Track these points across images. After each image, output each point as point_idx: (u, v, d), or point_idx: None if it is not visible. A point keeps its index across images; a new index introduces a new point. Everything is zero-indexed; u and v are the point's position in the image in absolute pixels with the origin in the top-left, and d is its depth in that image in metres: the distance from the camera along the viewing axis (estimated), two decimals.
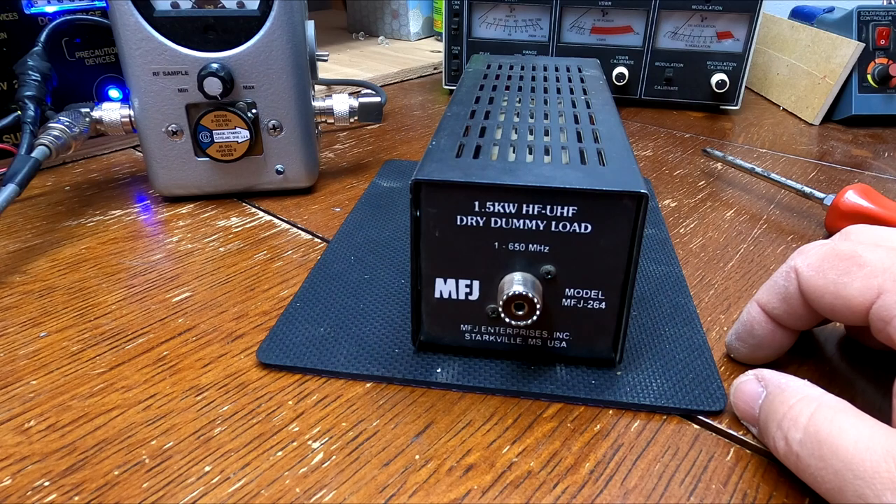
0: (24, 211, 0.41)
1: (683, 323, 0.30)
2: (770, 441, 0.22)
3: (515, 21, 0.66)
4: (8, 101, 0.43)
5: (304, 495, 0.21)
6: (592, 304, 0.25)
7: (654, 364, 0.27)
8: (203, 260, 0.36)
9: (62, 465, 0.22)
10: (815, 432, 0.20)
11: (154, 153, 0.41)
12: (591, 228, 0.24)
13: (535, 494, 0.22)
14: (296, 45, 0.40)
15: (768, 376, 0.23)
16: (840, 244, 0.24)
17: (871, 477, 0.18)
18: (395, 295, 0.32)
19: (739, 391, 0.24)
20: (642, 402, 0.25)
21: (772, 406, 0.22)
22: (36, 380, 0.26)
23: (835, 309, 0.23)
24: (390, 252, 0.36)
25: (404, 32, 0.94)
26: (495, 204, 0.24)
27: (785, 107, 0.68)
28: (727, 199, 0.45)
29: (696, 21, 0.63)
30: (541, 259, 0.25)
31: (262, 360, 0.27)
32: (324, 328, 0.29)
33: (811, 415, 0.20)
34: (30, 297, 0.32)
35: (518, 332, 0.27)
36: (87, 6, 0.47)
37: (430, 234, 0.25)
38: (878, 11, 0.60)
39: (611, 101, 0.34)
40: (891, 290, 0.21)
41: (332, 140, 0.56)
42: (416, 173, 0.24)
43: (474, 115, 0.31)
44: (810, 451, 0.20)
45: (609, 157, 0.26)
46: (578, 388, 0.26)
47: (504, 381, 0.26)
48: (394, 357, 0.28)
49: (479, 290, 0.26)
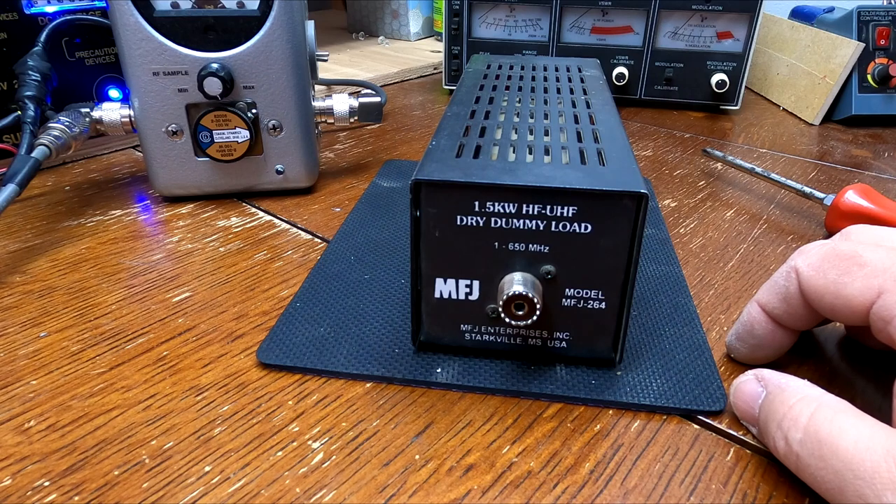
0: (24, 211, 0.41)
1: (683, 323, 0.30)
2: (770, 441, 0.22)
3: (515, 21, 0.66)
4: (8, 101, 0.43)
5: (304, 495, 0.21)
6: (592, 304, 0.25)
7: (654, 364, 0.27)
8: (203, 260, 0.36)
9: (62, 465, 0.22)
10: (815, 432, 0.20)
11: (154, 153, 0.41)
12: (591, 228, 0.24)
13: (535, 494, 0.22)
14: (296, 45, 0.40)
15: (768, 376, 0.23)
16: (840, 244, 0.24)
17: (872, 477, 0.18)
18: (395, 295, 0.32)
19: (739, 391, 0.24)
20: (642, 402, 0.25)
21: (772, 406, 0.22)
22: (36, 380, 0.26)
23: (835, 309, 0.23)
24: (390, 252, 0.36)
25: (404, 32, 0.94)
26: (495, 204, 0.24)
27: (785, 107, 0.68)
28: (727, 199, 0.45)
29: (696, 21, 0.63)
30: (541, 259, 0.25)
31: (262, 359, 0.27)
32: (324, 328, 0.29)
33: (811, 415, 0.20)
34: (30, 297, 0.32)
35: (518, 332, 0.27)
36: (87, 6, 0.47)
37: (430, 234, 0.25)
38: (878, 11, 0.60)
39: (611, 101, 0.33)
40: (891, 289, 0.21)
41: (332, 140, 0.56)
42: (416, 173, 0.24)
43: (474, 115, 0.31)
44: (810, 451, 0.20)
45: (609, 157, 0.26)
46: (578, 387, 0.26)
47: (504, 381, 0.26)
48: (394, 357, 0.28)
49: (479, 290, 0.26)
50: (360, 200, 0.43)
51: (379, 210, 0.41)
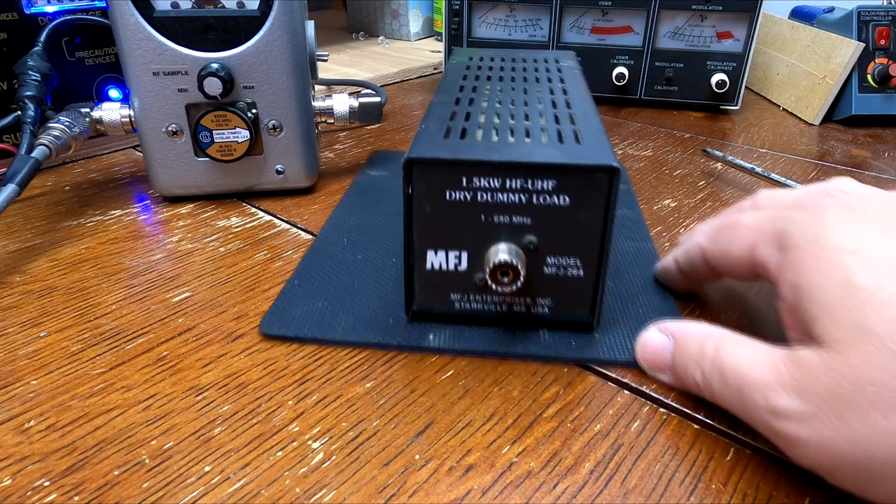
0: (24, 211, 0.41)
1: (655, 292, 0.33)
2: (689, 380, 0.24)
3: (515, 21, 0.66)
4: (8, 101, 0.43)
5: (304, 495, 0.21)
6: (571, 271, 0.28)
7: (629, 327, 0.30)
8: (203, 260, 0.36)
9: (62, 465, 0.22)
10: (719, 362, 0.23)
11: (154, 153, 0.41)
12: (569, 200, 0.26)
13: (535, 494, 0.22)
14: (296, 45, 0.40)
15: (672, 326, 0.26)
16: (728, 215, 0.28)
17: (760, 385, 0.21)
18: (387, 273, 0.34)
19: (646, 343, 0.27)
20: (618, 359, 0.28)
21: (685, 349, 0.25)
22: (36, 380, 0.26)
23: (727, 268, 0.27)
24: (380, 235, 0.38)
25: (404, 32, 0.94)
26: (481, 179, 0.26)
27: (785, 107, 0.68)
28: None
29: (696, 21, 0.63)
30: (523, 230, 0.27)
31: (265, 331, 0.29)
32: (321, 302, 0.31)
33: (716, 347, 0.23)
34: (30, 297, 0.32)
35: (504, 299, 0.29)
36: (87, 6, 0.47)
37: (421, 210, 0.27)
38: (878, 11, 0.60)
39: (585, 88, 0.36)
40: (761, 242, 0.24)
41: (332, 140, 0.56)
42: (408, 153, 0.26)
43: (459, 102, 0.32)
44: (718, 377, 0.23)
45: (584, 136, 0.28)
46: (560, 348, 0.28)
47: (492, 344, 0.28)
48: (389, 326, 0.29)
49: (467, 260, 0.28)
50: (349, 189, 0.44)
51: (367, 197, 0.43)
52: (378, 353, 0.28)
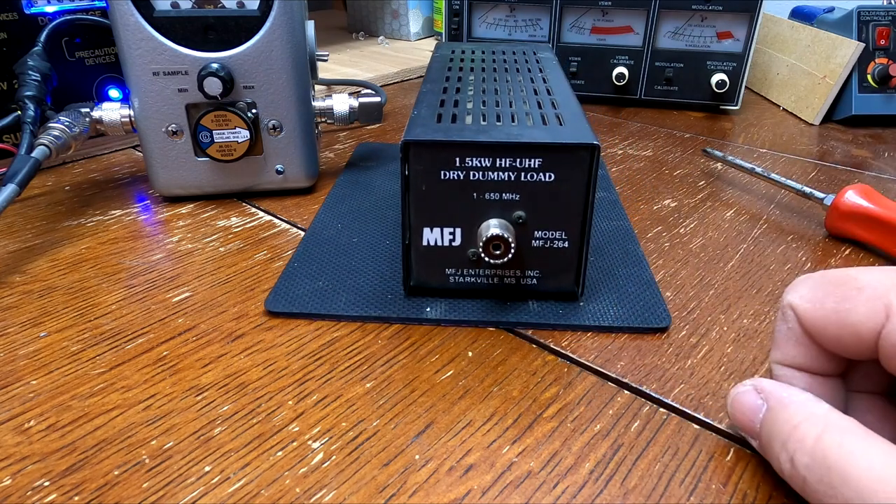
0: (24, 211, 0.41)
1: (633, 264, 0.35)
2: (774, 461, 0.21)
3: (515, 21, 0.66)
4: (8, 101, 0.43)
5: (304, 495, 0.21)
6: (557, 243, 0.30)
7: (611, 296, 0.32)
8: (203, 260, 0.36)
9: (62, 465, 0.22)
10: (822, 457, 0.18)
11: (154, 153, 0.41)
12: (554, 177, 0.28)
13: (535, 494, 0.22)
14: (296, 45, 0.40)
15: (769, 388, 0.22)
16: (829, 271, 0.22)
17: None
18: (382, 253, 0.36)
19: (738, 402, 0.23)
20: (602, 324, 0.30)
21: (775, 424, 0.21)
22: (36, 380, 0.26)
23: (842, 340, 0.21)
24: (372, 219, 0.40)
25: (404, 32, 0.94)
26: (473, 159, 0.28)
27: (785, 107, 0.68)
28: (727, 199, 0.45)
29: (696, 21, 0.63)
30: (513, 206, 0.29)
31: (270, 309, 0.30)
32: (322, 282, 0.33)
33: (818, 437, 0.19)
34: (30, 297, 0.32)
35: (495, 272, 0.31)
36: (87, 6, 0.47)
37: (417, 189, 0.28)
38: (878, 11, 0.60)
39: (563, 77, 0.39)
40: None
41: (332, 140, 0.56)
42: (404, 136, 0.27)
43: (447, 91, 0.34)
44: (818, 476, 0.18)
45: (566, 119, 0.30)
46: (548, 316, 0.30)
47: (485, 314, 0.30)
48: (388, 301, 0.31)
49: (461, 236, 0.30)
50: (338, 179, 0.46)
51: (357, 185, 0.45)
52: (378, 353, 0.28)
